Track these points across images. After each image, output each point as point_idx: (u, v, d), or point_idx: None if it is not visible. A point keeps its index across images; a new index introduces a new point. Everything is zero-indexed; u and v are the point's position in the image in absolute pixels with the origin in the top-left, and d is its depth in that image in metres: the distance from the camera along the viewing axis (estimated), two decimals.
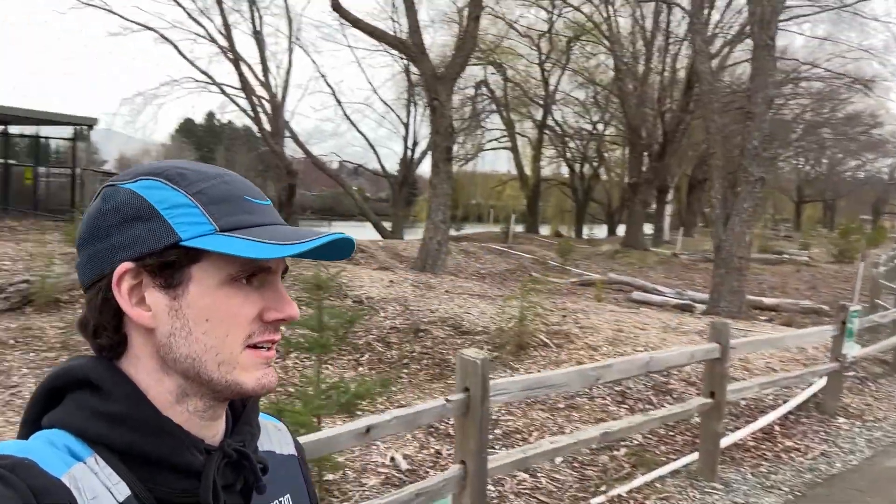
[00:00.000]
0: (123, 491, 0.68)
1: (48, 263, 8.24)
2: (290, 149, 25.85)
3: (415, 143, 29.05)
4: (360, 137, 39.33)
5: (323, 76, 46.39)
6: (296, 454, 0.93)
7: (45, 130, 20.16)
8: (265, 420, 0.90)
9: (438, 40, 35.90)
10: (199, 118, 57.28)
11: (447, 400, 3.04)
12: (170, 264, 0.70)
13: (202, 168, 0.75)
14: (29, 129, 20.56)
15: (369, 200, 35.50)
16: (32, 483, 0.63)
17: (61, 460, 0.67)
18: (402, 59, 24.55)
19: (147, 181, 0.72)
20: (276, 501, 0.83)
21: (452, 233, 20.77)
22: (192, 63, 24.31)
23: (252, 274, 0.73)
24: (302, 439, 2.23)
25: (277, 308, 0.74)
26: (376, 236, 22.41)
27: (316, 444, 2.53)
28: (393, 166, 30.53)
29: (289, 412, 3.55)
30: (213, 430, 0.77)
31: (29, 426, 0.73)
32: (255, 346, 0.73)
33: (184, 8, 22.57)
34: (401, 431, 4.12)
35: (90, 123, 18.80)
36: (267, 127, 24.22)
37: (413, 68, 21.66)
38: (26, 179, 18.78)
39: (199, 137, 55.98)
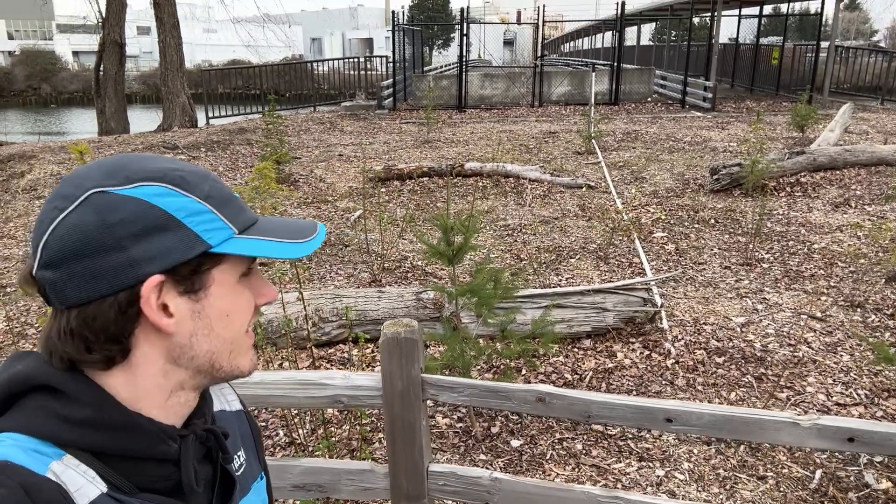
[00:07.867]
0: (101, 484, 0.68)
1: (760, 148, 8.45)
2: None
3: None
4: None
5: None
6: (242, 409, 0.96)
7: (799, 7, 19.78)
8: None
9: None
10: None
11: None
12: (196, 271, 0.72)
13: (190, 167, 0.76)
14: (785, 7, 20.55)
15: None
16: (22, 481, 0.63)
17: (37, 460, 0.66)
18: None
19: (151, 188, 0.69)
20: (236, 457, 0.87)
21: None
22: None
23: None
24: None
25: (265, 293, 0.81)
26: None
27: None
28: None
29: None
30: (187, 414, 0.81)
31: None
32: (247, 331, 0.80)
33: None
34: None
35: None
36: None
37: None
38: (772, 60, 19.12)
39: None
